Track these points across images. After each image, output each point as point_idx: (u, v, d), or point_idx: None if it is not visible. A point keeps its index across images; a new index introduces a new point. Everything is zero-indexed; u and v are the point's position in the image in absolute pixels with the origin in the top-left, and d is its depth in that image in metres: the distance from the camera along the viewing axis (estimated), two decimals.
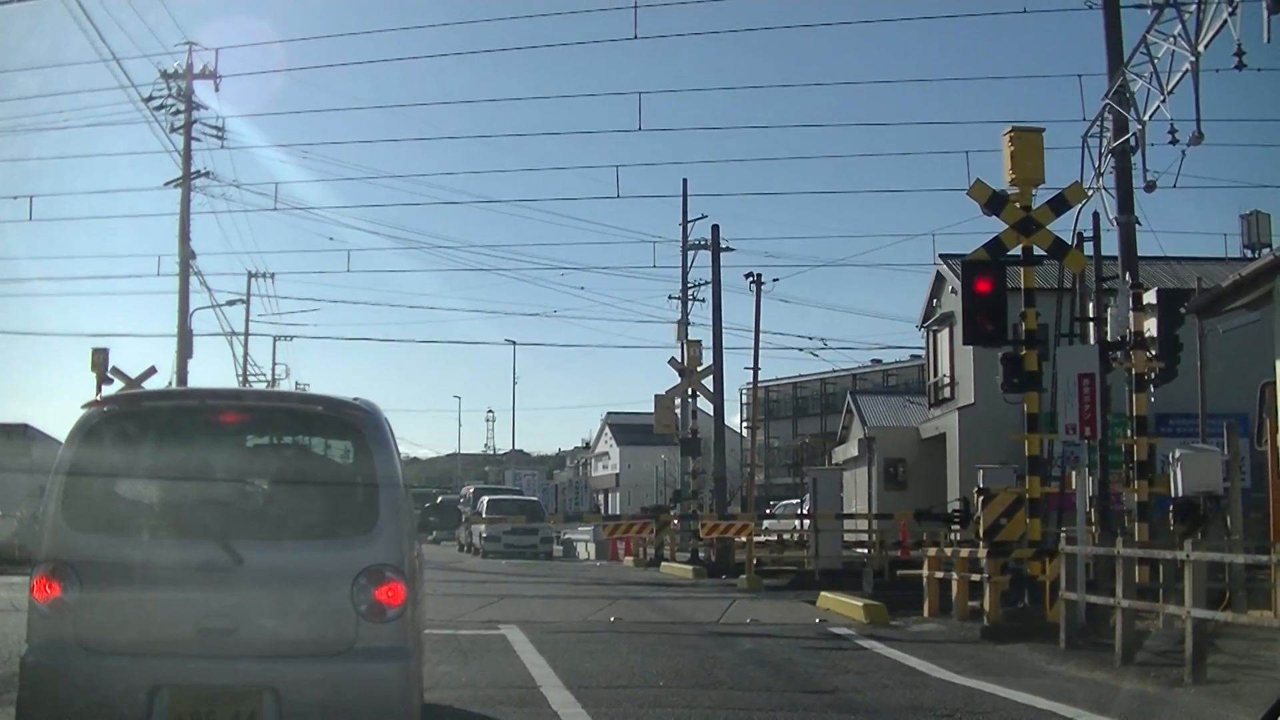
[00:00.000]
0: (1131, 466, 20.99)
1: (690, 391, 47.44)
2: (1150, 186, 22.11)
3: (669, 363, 47.99)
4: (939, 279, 41.43)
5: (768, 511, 56.39)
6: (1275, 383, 17.26)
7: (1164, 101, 20.69)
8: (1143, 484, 20.47)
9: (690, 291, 53.14)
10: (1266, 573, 16.00)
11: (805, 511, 40.62)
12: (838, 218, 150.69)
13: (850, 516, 38.35)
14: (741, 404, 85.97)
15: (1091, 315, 22.63)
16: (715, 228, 49.36)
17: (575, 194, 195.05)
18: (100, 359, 36.84)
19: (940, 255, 41.49)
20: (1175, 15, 19.83)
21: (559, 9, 59.09)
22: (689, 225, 52.72)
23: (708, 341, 47.56)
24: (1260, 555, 15.22)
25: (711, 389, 47.28)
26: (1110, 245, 23.17)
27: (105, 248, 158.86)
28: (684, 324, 52.27)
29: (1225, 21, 18.04)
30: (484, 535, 54.14)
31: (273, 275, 63.31)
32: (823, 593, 25.57)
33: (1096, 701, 12.87)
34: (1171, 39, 19.95)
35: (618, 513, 75.69)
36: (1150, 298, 20.46)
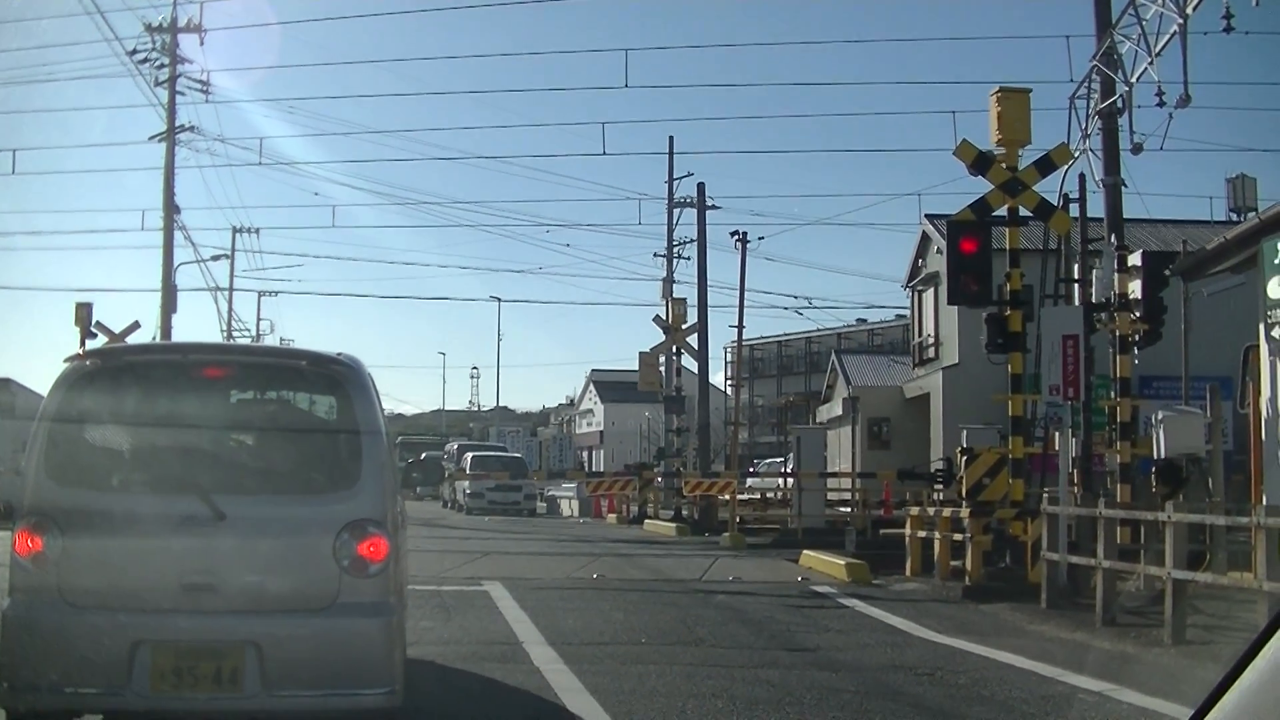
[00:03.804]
0: (1114, 428, 21.09)
1: (675, 349, 47.48)
2: (1137, 149, 22.14)
3: (654, 320, 48.03)
4: (925, 239, 41.45)
5: (751, 470, 56.49)
6: (1258, 346, 17.29)
7: (1151, 64, 20.70)
8: (1125, 445, 20.57)
9: (675, 249, 53.10)
10: (1247, 534, 16.07)
11: (789, 470, 40.70)
12: (824, 176, 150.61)
13: (834, 475, 38.47)
14: (726, 362, 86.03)
15: (1076, 277, 22.66)
16: (701, 185, 49.38)
17: (561, 150, 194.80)
18: (84, 313, 36.80)
19: (926, 215, 41.57)
20: None
21: None
22: (675, 183, 52.68)
23: (693, 299, 47.57)
24: (1241, 517, 15.30)
25: (696, 346, 47.28)
26: (1096, 207, 23.19)
27: (89, 202, 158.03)
28: (669, 281, 52.28)
29: None
30: (468, 492, 54.11)
31: (257, 230, 63.14)
32: (805, 551, 25.64)
33: (1076, 661, 12.92)
34: (1160, 1, 19.92)
35: (601, 470, 75.76)
36: (1135, 260, 20.49)
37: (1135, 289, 20.18)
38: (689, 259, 51.20)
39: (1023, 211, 20.35)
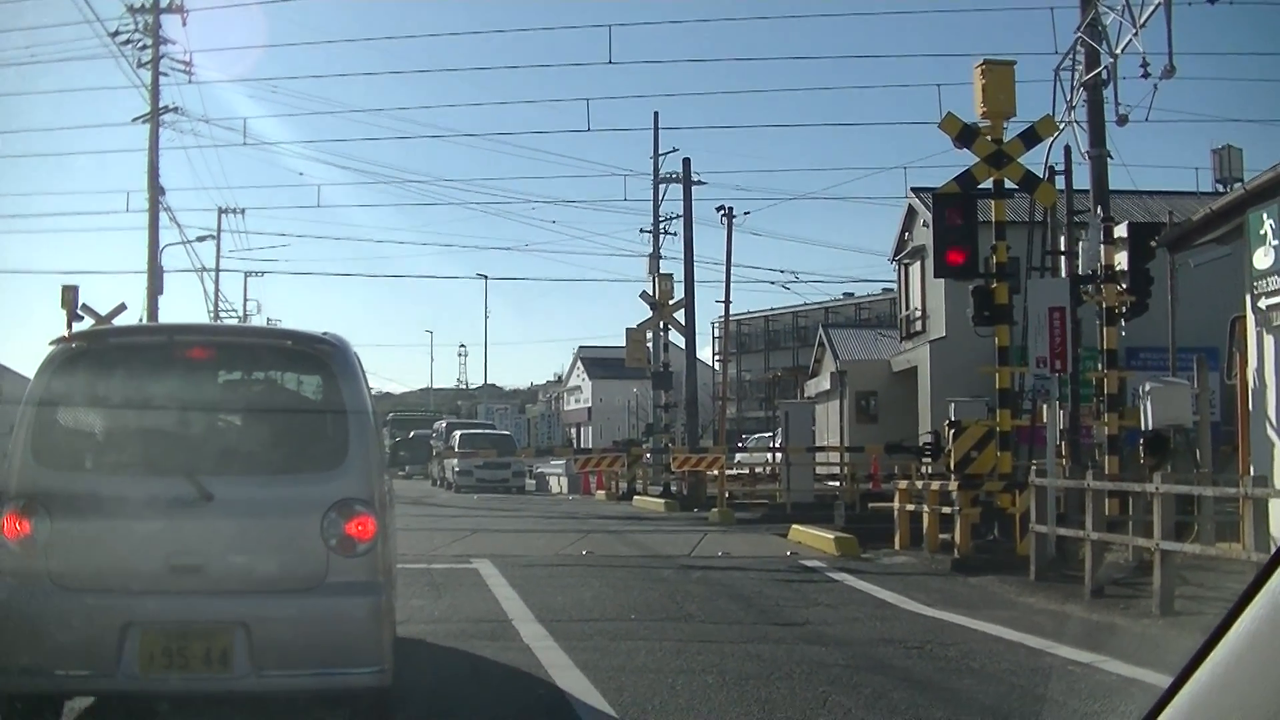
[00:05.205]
0: (1102, 400, 21.10)
1: (662, 325, 47.42)
2: (1122, 120, 22.15)
3: (641, 296, 47.96)
4: (911, 212, 41.42)
5: (739, 445, 56.58)
6: (1245, 317, 17.31)
7: (1136, 35, 20.70)
8: (1113, 417, 20.59)
9: (662, 225, 52.89)
10: (1234, 505, 16.12)
11: (777, 445, 40.74)
12: (810, 151, 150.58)
13: (822, 449, 38.56)
14: (713, 337, 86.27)
15: (1063, 249, 22.69)
16: (686, 161, 49.22)
17: (545, 127, 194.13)
18: (70, 296, 36.62)
19: (912, 188, 41.50)
20: None
21: None
22: (660, 159, 52.44)
23: (680, 275, 47.56)
24: (1228, 488, 15.33)
25: (683, 322, 47.25)
26: (1081, 179, 23.21)
27: (73, 184, 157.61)
28: (656, 257, 52.12)
29: None
30: (456, 470, 54.15)
31: (243, 211, 62.90)
32: (794, 526, 25.68)
33: (1064, 633, 12.97)
34: None
35: (590, 446, 75.77)
36: (1121, 231, 20.49)
37: (1121, 261, 20.17)
38: (675, 235, 51.13)
39: (1008, 184, 20.36)
